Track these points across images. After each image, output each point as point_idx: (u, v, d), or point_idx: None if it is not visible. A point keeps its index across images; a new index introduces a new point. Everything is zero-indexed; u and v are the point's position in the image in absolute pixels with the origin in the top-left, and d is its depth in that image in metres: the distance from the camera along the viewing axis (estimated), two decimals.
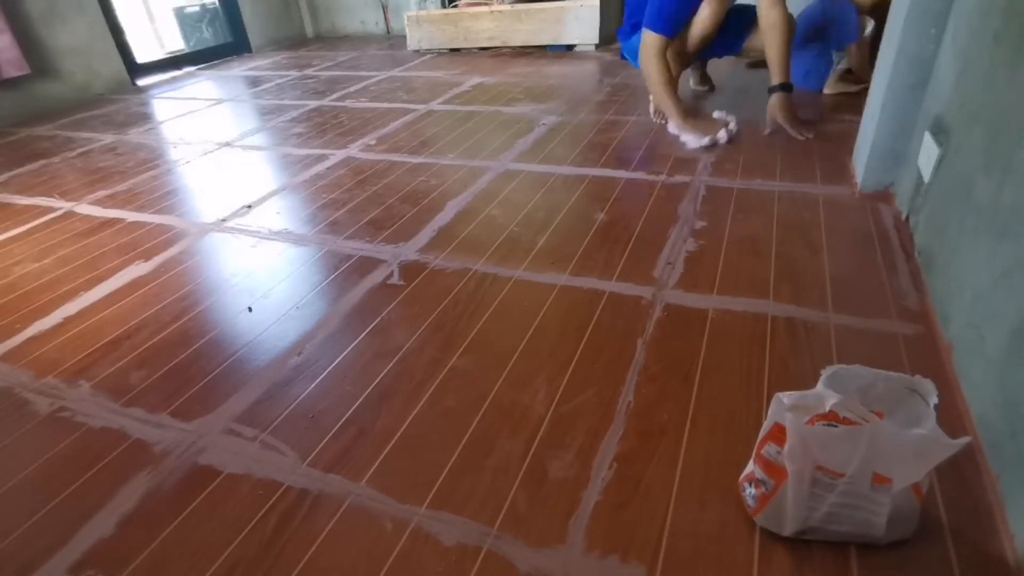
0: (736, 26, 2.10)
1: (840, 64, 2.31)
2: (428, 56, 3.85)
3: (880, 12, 2.20)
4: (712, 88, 2.54)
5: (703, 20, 1.98)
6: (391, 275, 1.34)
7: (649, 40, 1.96)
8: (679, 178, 1.71)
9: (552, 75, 3.05)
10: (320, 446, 0.90)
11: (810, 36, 2.28)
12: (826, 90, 2.34)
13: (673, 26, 1.95)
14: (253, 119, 2.68)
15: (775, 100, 1.93)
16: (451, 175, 1.86)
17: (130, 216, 1.76)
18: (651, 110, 2.24)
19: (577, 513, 0.76)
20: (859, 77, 2.25)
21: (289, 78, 3.40)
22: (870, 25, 2.24)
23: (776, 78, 1.93)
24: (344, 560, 0.73)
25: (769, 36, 1.92)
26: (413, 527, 0.76)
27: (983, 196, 0.93)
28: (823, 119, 2.08)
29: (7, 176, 2.18)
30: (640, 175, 1.75)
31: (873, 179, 1.51)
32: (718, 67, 2.65)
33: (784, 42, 1.90)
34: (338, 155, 2.13)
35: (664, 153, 1.90)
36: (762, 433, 0.71)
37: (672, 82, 2.00)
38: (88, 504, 0.84)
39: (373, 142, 2.23)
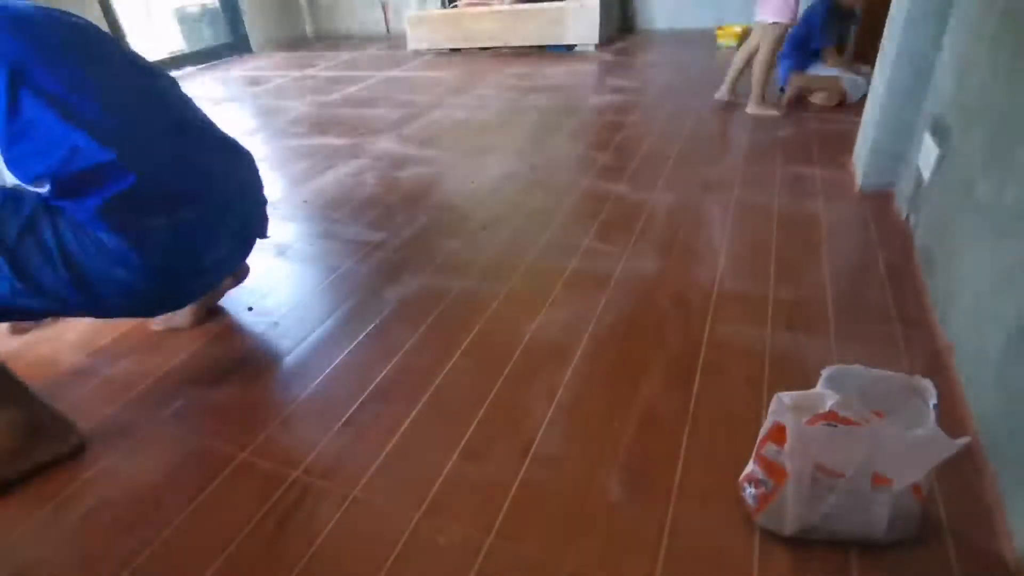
0: None
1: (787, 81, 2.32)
2: (428, 56, 3.85)
3: None
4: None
5: None
6: (393, 276, 1.34)
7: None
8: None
9: (550, 75, 3.05)
10: (320, 446, 0.90)
11: (796, 45, 2.30)
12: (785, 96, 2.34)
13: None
14: (253, 119, 2.68)
15: None
16: (452, 171, 1.87)
17: None
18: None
19: (577, 513, 0.76)
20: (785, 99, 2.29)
21: (289, 78, 3.40)
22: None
23: None
24: (344, 560, 0.73)
25: None
26: (413, 527, 0.76)
27: (983, 196, 0.94)
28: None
29: None
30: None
31: (873, 179, 1.51)
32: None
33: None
34: (339, 154, 2.13)
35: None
36: (762, 433, 0.71)
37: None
38: None
39: (374, 141, 2.23)
